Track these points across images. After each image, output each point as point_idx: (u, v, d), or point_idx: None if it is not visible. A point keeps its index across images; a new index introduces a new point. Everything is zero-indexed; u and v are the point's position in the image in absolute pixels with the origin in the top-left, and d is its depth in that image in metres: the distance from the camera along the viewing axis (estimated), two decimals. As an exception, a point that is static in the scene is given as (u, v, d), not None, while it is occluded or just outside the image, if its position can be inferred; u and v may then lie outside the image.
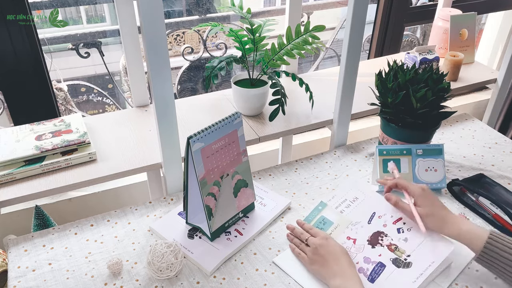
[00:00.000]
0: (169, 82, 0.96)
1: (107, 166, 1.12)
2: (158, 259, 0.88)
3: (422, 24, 2.11)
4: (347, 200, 1.05)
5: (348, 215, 1.02)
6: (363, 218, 1.00)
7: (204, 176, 0.91)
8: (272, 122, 1.28)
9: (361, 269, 0.89)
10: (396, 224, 0.96)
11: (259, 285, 0.89)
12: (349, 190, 1.07)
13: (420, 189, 0.92)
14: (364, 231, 0.97)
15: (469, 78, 1.55)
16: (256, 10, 1.87)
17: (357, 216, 1.01)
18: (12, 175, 1.06)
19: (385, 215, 0.98)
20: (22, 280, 0.90)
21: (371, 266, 0.89)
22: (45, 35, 1.58)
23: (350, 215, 1.02)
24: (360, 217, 1.00)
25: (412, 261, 0.89)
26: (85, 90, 1.90)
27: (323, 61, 2.00)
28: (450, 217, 0.89)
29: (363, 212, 1.01)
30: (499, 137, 1.32)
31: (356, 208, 1.03)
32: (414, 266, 0.88)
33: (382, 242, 0.94)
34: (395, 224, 0.96)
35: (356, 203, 1.04)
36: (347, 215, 1.02)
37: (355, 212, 1.02)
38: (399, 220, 0.97)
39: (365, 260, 0.91)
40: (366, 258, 0.91)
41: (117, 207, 1.08)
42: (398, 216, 0.97)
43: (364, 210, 1.02)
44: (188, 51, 1.67)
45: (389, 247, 0.92)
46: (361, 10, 1.08)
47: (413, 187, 0.93)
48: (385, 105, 1.14)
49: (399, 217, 0.97)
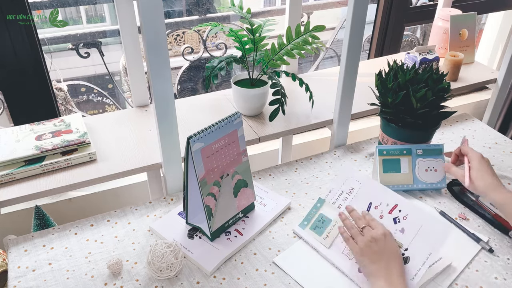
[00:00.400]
0: (169, 82, 0.96)
1: (107, 166, 1.12)
2: (158, 259, 0.88)
3: (422, 24, 2.11)
4: (343, 192, 1.04)
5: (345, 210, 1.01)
6: (361, 209, 0.99)
7: (204, 176, 0.91)
8: (272, 122, 1.28)
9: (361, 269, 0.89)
10: (392, 213, 0.96)
11: (259, 285, 0.89)
12: (345, 181, 1.05)
13: (479, 156, 1.02)
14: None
15: (469, 78, 1.55)
16: (256, 10, 1.87)
17: (355, 207, 0.99)
18: (12, 175, 1.06)
19: (381, 204, 0.98)
20: (22, 280, 0.90)
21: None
22: (45, 35, 1.58)
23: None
24: (358, 208, 0.99)
25: (410, 256, 0.89)
26: (85, 90, 1.90)
27: (323, 61, 2.00)
28: (500, 185, 0.96)
29: (360, 203, 1.00)
30: (499, 137, 1.32)
31: (353, 200, 1.02)
32: (412, 261, 0.88)
33: None
34: (391, 214, 0.96)
35: (353, 195, 1.03)
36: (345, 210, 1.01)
37: (353, 203, 1.01)
38: (395, 208, 0.96)
39: None
40: None
41: (117, 207, 1.08)
42: (394, 203, 0.97)
43: (361, 201, 1.01)
44: (188, 51, 1.67)
45: None
46: (361, 10, 1.08)
47: (472, 153, 1.03)
48: (385, 105, 1.14)
49: (395, 204, 0.97)
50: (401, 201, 0.97)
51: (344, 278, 0.90)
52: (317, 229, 0.98)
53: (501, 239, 0.98)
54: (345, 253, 0.93)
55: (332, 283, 0.89)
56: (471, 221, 1.02)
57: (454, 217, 1.03)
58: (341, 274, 0.90)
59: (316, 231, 0.98)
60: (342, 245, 0.95)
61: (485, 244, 0.96)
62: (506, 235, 0.98)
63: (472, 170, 0.99)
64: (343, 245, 0.94)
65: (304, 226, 1.00)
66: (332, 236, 0.96)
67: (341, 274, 0.90)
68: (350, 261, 0.91)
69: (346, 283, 0.89)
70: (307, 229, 0.99)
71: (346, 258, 0.92)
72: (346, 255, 0.93)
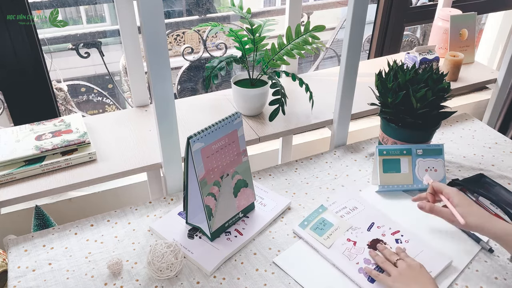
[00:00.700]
0: (169, 82, 0.96)
1: (107, 166, 1.12)
2: (158, 259, 0.88)
3: (422, 24, 2.11)
4: (346, 207, 1.06)
5: (348, 220, 1.02)
6: (363, 225, 1.01)
7: (204, 176, 0.91)
8: (272, 122, 1.28)
9: (361, 269, 0.90)
10: (394, 236, 0.98)
11: (259, 285, 0.89)
12: (349, 200, 1.08)
13: (455, 190, 0.90)
14: (363, 236, 0.98)
15: (469, 78, 1.55)
16: (256, 10, 1.87)
17: (356, 222, 1.01)
18: (12, 175, 1.06)
19: (384, 226, 1.00)
20: (22, 280, 0.90)
21: (371, 267, 0.90)
22: (45, 35, 1.58)
23: (350, 221, 1.02)
24: (359, 224, 1.01)
25: None
26: (85, 90, 1.90)
27: (323, 61, 2.00)
28: (490, 215, 0.86)
29: (362, 220, 1.02)
30: (499, 137, 1.32)
31: (355, 216, 1.04)
32: None
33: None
34: (393, 236, 0.98)
35: (356, 212, 1.05)
36: (347, 220, 1.02)
37: (354, 219, 1.03)
38: (397, 232, 0.98)
39: (365, 261, 0.92)
40: (366, 259, 0.92)
41: (117, 207, 1.08)
42: (396, 228, 0.99)
43: (364, 219, 1.03)
44: (188, 51, 1.67)
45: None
46: (361, 10, 1.08)
47: (448, 189, 0.91)
48: (385, 105, 1.14)
49: (397, 230, 0.99)
50: (403, 228, 0.99)
51: (344, 278, 0.90)
52: (318, 230, 0.99)
53: (501, 239, 0.98)
54: (346, 254, 0.93)
55: (332, 283, 0.89)
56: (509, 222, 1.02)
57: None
58: (341, 274, 0.90)
59: (317, 232, 0.98)
60: (343, 246, 0.95)
61: (485, 244, 0.96)
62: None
63: (457, 208, 0.87)
64: (343, 246, 0.95)
65: (304, 226, 1.00)
66: (333, 238, 0.96)
67: (341, 274, 0.90)
68: (350, 262, 0.92)
69: (346, 283, 0.89)
70: (307, 229, 0.99)
71: (347, 259, 0.92)
72: (347, 256, 0.93)
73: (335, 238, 0.96)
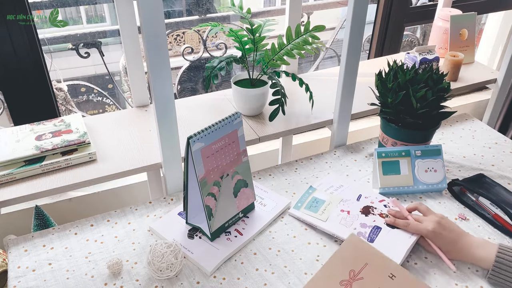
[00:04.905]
0: (169, 82, 0.96)
1: (107, 166, 1.12)
2: (158, 259, 0.88)
3: (422, 24, 2.11)
4: (333, 186, 1.12)
5: (337, 195, 1.08)
6: (352, 197, 1.07)
7: (204, 176, 0.91)
8: (272, 122, 1.28)
9: (359, 233, 0.95)
10: (382, 203, 1.04)
11: (259, 285, 0.89)
12: (334, 180, 1.14)
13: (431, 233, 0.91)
14: (355, 205, 1.04)
15: (469, 78, 1.55)
16: (256, 10, 1.87)
17: (346, 195, 1.08)
18: (12, 175, 1.06)
19: (370, 196, 1.07)
20: (22, 280, 0.90)
21: (368, 229, 0.96)
22: (45, 35, 1.58)
23: (340, 195, 1.08)
24: (349, 196, 1.07)
25: None
26: (85, 90, 1.90)
27: (323, 61, 2.00)
28: (481, 239, 0.92)
29: (350, 193, 1.09)
30: (499, 137, 1.32)
31: (343, 191, 1.10)
32: None
33: (374, 212, 1.01)
34: (380, 203, 1.04)
35: (342, 188, 1.11)
36: (337, 195, 1.08)
37: (343, 193, 1.09)
38: (383, 201, 1.05)
39: (362, 225, 0.97)
40: (363, 224, 0.98)
41: (117, 207, 1.08)
42: (381, 197, 1.06)
43: (351, 192, 1.09)
44: (188, 51, 1.67)
45: (380, 215, 1.00)
46: (361, 10, 1.08)
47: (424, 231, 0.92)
48: (385, 105, 1.14)
49: (383, 199, 1.05)
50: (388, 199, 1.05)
51: None
52: (312, 208, 1.04)
53: (501, 239, 0.98)
54: (342, 223, 0.98)
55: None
56: (471, 221, 1.02)
57: (454, 218, 1.03)
58: None
59: (312, 210, 1.03)
60: (338, 217, 1.00)
61: (485, 244, 0.96)
62: (506, 235, 0.98)
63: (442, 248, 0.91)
64: (339, 216, 1.00)
65: (298, 207, 1.05)
66: (328, 211, 1.02)
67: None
68: (348, 228, 0.97)
69: None
70: (302, 209, 1.04)
71: (344, 227, 0.97)
72: (344, 224, 0.98)
73: (329, 211, 1.02)
